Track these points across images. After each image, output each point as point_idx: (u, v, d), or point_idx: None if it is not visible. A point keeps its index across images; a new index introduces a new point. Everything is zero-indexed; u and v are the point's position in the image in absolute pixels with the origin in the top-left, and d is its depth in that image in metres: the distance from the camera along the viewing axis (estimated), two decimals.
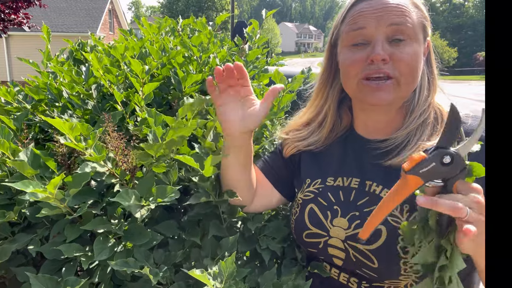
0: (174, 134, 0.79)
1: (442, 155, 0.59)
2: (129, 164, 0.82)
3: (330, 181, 0.93)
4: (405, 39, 0.80)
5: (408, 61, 0.80)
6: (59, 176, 0.69)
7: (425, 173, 0.60)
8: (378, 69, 0.80)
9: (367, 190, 0.86)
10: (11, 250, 0.81)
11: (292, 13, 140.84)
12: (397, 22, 0.80)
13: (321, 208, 0.90)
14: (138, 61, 1.01)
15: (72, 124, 0.71)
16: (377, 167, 0.87)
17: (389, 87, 0.81)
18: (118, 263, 0.73)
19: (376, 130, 0.92)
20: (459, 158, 0.59)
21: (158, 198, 0.75)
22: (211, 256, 0.88)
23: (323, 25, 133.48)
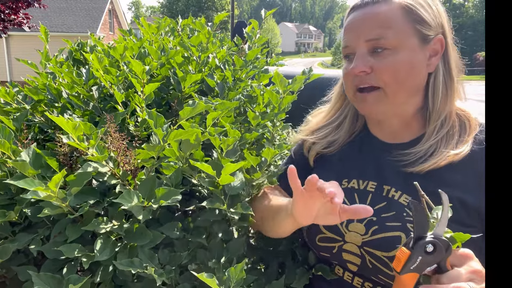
0: (176, 136, 0.79)
1: (424, 246, 0.60)
2: (130, 165, 0.82)
3: (345, 183, 0.91)
4: (388, 48, 0.79)
5: (391, 70, 0.79)
6: (60, 173, 0.69)
7: (416, 267, 0.61)
8: (362, 81, 0.83)
9: (384, 195, 0.84)
10: (11, 250, 0.81)
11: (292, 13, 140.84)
12: (373, 37, 0.80)
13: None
14: (138, 61, 1.00)
15: (75, 124, 0.72)
16: (396, 173, 0.85)
17: (374, 97, 0.82)
18: (123, 263, 0.73)
19: (392, 133, 0.90)
20: (440, 241, 0.60)
21: (161, 200, 0.75)
22: (217, 258, 0.87)
23: (323, 25, 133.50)
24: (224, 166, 0.81)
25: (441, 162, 0.79)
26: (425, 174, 0.81)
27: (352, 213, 0.70)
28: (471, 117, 0.85)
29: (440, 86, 0.84)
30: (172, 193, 0.77)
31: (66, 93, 1.17)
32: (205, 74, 1.23)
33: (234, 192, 0.88)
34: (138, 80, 1.02)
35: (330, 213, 0.73)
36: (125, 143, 0.83)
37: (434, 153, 0.81)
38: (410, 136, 0.88)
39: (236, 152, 0.91)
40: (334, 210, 0.72)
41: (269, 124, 1.20)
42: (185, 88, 1.15)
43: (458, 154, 0.79)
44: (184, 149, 0.86)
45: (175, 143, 0.85)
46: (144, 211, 0.76)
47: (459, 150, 0.79)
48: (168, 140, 0.79)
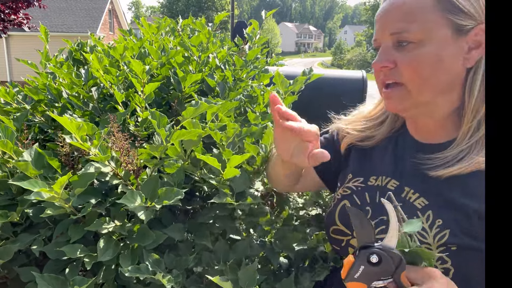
0: (179, 136, 0.79)
1: (367, 255, 0.57)
2: (133, 165, 0.82)
3: (372, 180, 0.88)
4: (413, 42, 0.74)
5: (414, 65, 0.74)
6: (66, 176, 0.69)
7: (361, 277, 0.57)
8: (387, 76, 0.78)
9: (403, 196, 0.81)
10: (13, 251, 0.81)
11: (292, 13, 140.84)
12: (396, 31, 0.75)
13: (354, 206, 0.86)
14: (138, 61, 1.01)
15: (79, 124, 0.72)
16: (419, 174, 0.81)
17: (396, 94, 0.77)
18: (131, 269, 0.73)
19: (427, 132, 0.85)
20: (388, 254, 0.57)
21: (164, 200, 0.75)
22: (223, 259, 0.87)
23: (323, 25, 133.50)
24: (229, 159, 0.81)
25: (467, 168, 0.73)
26: (447, 179, 0.75)
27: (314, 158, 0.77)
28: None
29: (478, 83, 0.75)
30: (175, 193, 0.77)
31: (66, 93, 1.17)
32: (206, 74, 1.23)
33: (240, 189, 0.87)
34: (138, 80, 1.02)
35: (302, 153, 0.78)
36: (127, 143, 0.83)
37: (464, 159, 0.74)
38: (445, 138, 0.81)
39: (235, 145, 0.92)
40: (305, 151, 0.77)
41: (270, 125, 1.20)
42: (185, 88, 1.15)
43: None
44: (186, 146, 0.86)
45: (177, 141, 0.85)
46: (147, 211, 0.76)
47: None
48: (171, 140, 0.80)
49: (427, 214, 0.75)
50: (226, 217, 0.92)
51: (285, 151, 0.79)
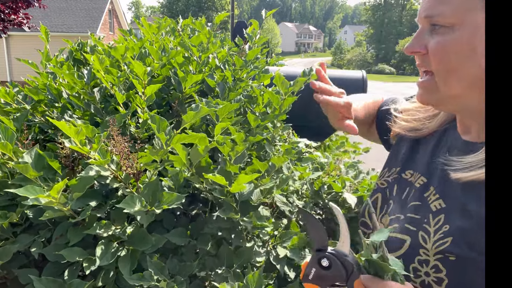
0: (179, 140, 0.79)
1: (319, 258, 0.57)
2: (133, 169, 0.81)
3: (408, 174, 0.84)
4: (445, 26, 0.67)
5: (441, 52, 0.67)
6: (62, 182, 0.68)
7: (314, 279, 0.57)
8: (420, 63, 0.72)
9: (425, 196, 0.76)
10: (12, 251, 0.81)
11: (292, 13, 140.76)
12: (428, 14, 0.68)
13: (383, 200, 0.84)
14: (139, 62, 1.00)
15: (77, 129, 0.71)
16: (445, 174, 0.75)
17: (425, 84, 0.71)
18: (134, 277, 0.73)
19: (467, 129, 0.77)
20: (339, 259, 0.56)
21: (164, 205, 0.75)
22: (226, 265, 0.86)
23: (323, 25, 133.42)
24: (238, 177, 0.81)
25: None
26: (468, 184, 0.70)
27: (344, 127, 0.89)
28: None
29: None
30: (176, 198, 0.76)
31: (66, 93, 1.16)
32: (206, 75, 1.23)
33: (244, 198, 0.87)
34: (139, 81, 1.02)
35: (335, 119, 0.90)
36: (127, 146, 0.83)
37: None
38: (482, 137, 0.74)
39: (244, 157, 0.91)
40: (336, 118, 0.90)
41: (269, 125, 1.20)
42: (185, 89, 1.15)
43: None
44: (193, 158, 0.85)
45: (183, 152, 0.84)
46: (146, 216, 0.75)
47: None
48: (171, 144, 0.79)
49: (438, 218, 0.71)
50: (231, 228, 0.92)
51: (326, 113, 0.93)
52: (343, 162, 1.95)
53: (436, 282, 0.67)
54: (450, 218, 0.70)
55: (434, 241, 0.69)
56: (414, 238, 0.71)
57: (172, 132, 0.81)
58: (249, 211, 0.87)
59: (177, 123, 1.13)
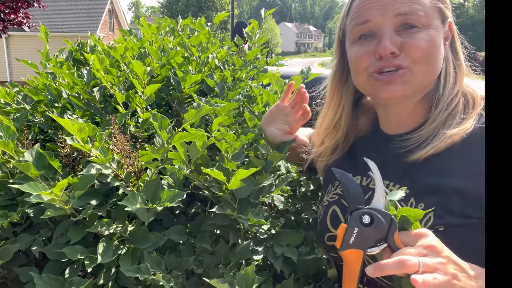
0: (181, 138, 0.79)
1: (359, 217, 0.57)
2: (134, 167, 0.82)
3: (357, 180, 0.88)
4: (417, 26, 0.74)
5: (422, 46, 0.73)
6: (66, 179, 0.69)
7: (356, 242, 0.57)
8: (389, 63, 0.75)
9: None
10: (13, 251, 0.81)
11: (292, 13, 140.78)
12: (404, 12, 0.73)
13: (342, 210, 0.87)
14: (139, 62, 1.01)
15: (80, 126, 0.71)
16: (398, 165, 0.81)
17: (401, 77, 0.75)
18: (130, 269, 0.73)
19: (399, 124, 0.85)
20: (377, 213, 0.57)
21: (165, 202, 0.75)
22: (223, 262, 0.87)
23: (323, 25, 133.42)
24: (235, 173, 0.81)
25: (441, 145, 0.74)
26: (425, 162, 0.76)
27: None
28: (476, 95, 0.79)
29: (451, 71, 0.80)
30: (176, 195, 0.77)
31: (66, 93, 1.17)
32: (205, 75, 1.23)
33: (242, 195, 0.87)
34: (139, 81, 1.02)
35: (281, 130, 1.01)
36: (129, 144, 0.83)
37: (436, 135, 0.76)
38: (414, 124, 0.83)
39: (241, 155, 0.91)
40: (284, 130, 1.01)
41: None
42: (185, 89, 1.15)
43: (458, 133, 0.73)
44: (191, 155, 0.86)
45: (182, 148, 0.84)
46: (148, 214, 0.76)
47: (458, 129, 0.74)
48: (172, 142, 0.79)
49: (410, 201, 0.75)
50: (228, 225, 0.92)
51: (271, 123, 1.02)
52: None
53: None
54: (421, 198, 0.74)
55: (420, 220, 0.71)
56: None
57: (173, 130, 0.81)
58: (246, 209, 0.87)
59: (176, 123, 1.13)
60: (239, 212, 0.86)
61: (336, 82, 0.92)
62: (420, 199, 0.74)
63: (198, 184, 0.91)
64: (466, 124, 0.74)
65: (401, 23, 0.74)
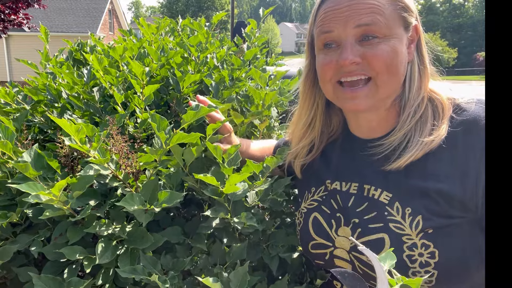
0: (179, 139, 0.79)
1: None
2: (132, 168, 0.81)
3: (328, 184, 0.89)
4: (378, 36, 0.74)
5: (384, 58, 0.74)
6: (64, 180, 0.69)
7: None
8: (351, 72, 0.76)
9: (366, 195, 0.81)
10: (12, 251, 0.81)
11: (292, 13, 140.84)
12: (365, 23, 0.74)
13: (324, 217, 0.86)
14: (138, 62, 1.00)
15: (78, 127, 0.71)
16: (375, 170, 0.82)
17: (365, 92, 0.77)
18: (126, 270, 0.73)
19: (370, 129, 0.85)
20: None
21: (163, 203, 0.75)
22: (219, 263, 0.87)
23: None
24: (230, 177, 0.81)
25: (418, 153, 0.75)
26: (404, 169, 0.77)
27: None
28: (444, 100, 0.79)
29: (416, 75, 0.80)
30: (174, 196, 0.77)
31: (66, 93, 1.17)
32: (204, 75, 1.23)
33: (237, 198, 0.87)
34: (138, 81, 1.02)
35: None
36: (127, 145, 0.83)
37: (409, 144, 0.76)
38: (385, 130, 0.83)
39: (237, 159, 0.91)
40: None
41: (256, 122, 1.20)
42: (183, 89, 1.15)
43: (434, 140, 0.74)
44: (186, 159, 0.86)
45: (178, 152, 0.84)
46: (146, 214, 0.76)
47: (433, 136, 0.74)
48: (170, 143, 0.79)
49: (395, 206, 0.76)
50: (223, 228, 0.92)
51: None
52: None
53: (430, 257, 0.71)
54: (406, 202, 0.75)
55: (409, 224, 0.74)
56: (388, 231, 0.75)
57: (172, 131, 0.81)
58: (241, 211, 0.87)
59: (175, 123, 1.13)
60: (233, 215, 0.86)
61: (308, 83, 0.92)
62: (405, 203, 0.75)
63: (193, 187, 0.91)
64: (441, 131, 0.75)
65: (362, 33, 0.75)
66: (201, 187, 0.88)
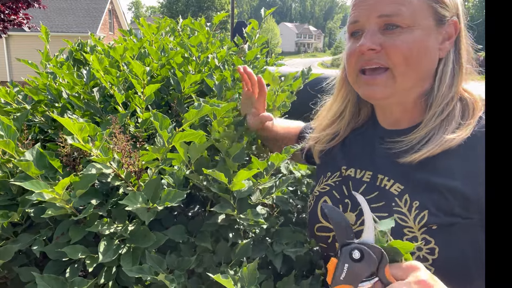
0: (181, 138, 0.79)
1: (349, 252, 0.56)
2: (135, 167, 0.82)
3: (343, 170, 0.89)
4: (401, 26, 0.73)
5: (403, 49, 0.73)
6: (68, 178, 0.69)
7: (347, 278, 0.56)
8: (370, 60, 0.76)
9: (378, 185, 0.81)
10: (14, 251, 0.81)
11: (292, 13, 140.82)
12: (387, 13, 0.74)
13: (334, 201, 0.87)
14: (139, 62, 1.01)
15: (81, 125, 0.71)
16: (391, 161, 0.81)
17: (382, 80, 0.76)
18: (133, 269, 0.73)
19: (395, 120, 0.85)
20: (369, 248, 0.56)
21: (165, 202, 0.75)
22: (224, 261, 0.87)
23: (323, 25, 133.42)
24: (237, 174, 0.81)
25: (436, 149, 0.74)
26: (420, 163, 0.76)
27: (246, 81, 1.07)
28: (476, 100, 0.78)
29: (448, 73, 0.78)
30: (177, 194, 0.77)
31: (66, 93, 1.17)
32: (205, 75, 1.23)
33: (242, 195, 0.88)
34: (138, 81, 1.02)
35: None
36: (129, 144, 0.83)
37: (430, 140, 0.75)
38: (408, 123, 0.83)
39: (243, 156, 0.91)
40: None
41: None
42: (184, 89, 1.15)
43: (455, 139, 0.73)
44: (192, 155, 0.86)
45: (182, 149, 0.84)
46: (148, 213, 0.76)
47: (455, 134, 0.73)
48: (173, 142, 0.79)
49: (404, 198, 0.76)
50: (228, 225, 0.92)
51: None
52: None
53: (429, 253, 0.71)
54: (415, 195, 0.75)
55: (414, 218, 0.73)
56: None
57: (174, 130, 0.81)
58: (246, 209, 0.87)
59: (176, 123, 1.14)
60: (238, 212, 0.86)
61: (344, 74, 0.92)
62: (415, 196, 0.75)
63: (198, 185, 0.91)
64: (465, 131, 0.74)
65: (385, 23, 0.75)
66: (207, 184, 0.89)
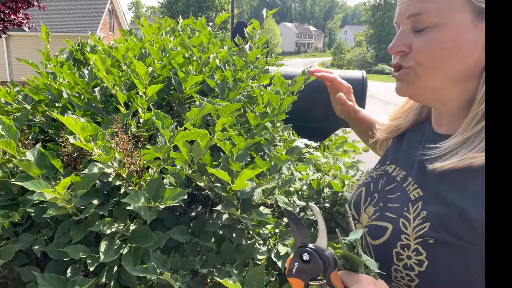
0: (183, 137, 0.79)
1: (301, 253, 0.63)
2: (136, 166, 0.82)
3: (387, 165, 0.90)
4: (428, 26, 0.71)
5: (426, 49, 0.71)
6: (69, 177, 0.69)
7: (297, 273, 0.63)
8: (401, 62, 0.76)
9: (404, 186, 0.80)
10: (14, 251, 0.81)
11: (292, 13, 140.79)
12: (415, 12, 0.71)
13: (367, 193, 0.88)
14: (141, 63, 1.01)
15: (83, 125, 0.72)
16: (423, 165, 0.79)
17: (404, 76, 0.76)
18: (137, 269, 0.74)
19: (444, 122, 0.81)
20: (317, 253, 0.63)
21: (167, 200, 0.75)
22: (228, 261, 0.87)
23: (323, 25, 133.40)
24: (240, 173, 0.81)
25: (459, 164, 0.70)
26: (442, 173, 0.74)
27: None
28: None
29: None
30: (179, 193, 0.77)
31: (66, 93, 1.17)
32: (206, 75, 1.23)
33: (246, 196, 0.88)
34: (141, 81, 1.02)
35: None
36: (131, 143, 0.83)
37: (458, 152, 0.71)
38: (450, 129, 0.78)
39: (246, 156, 0.91)
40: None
41: (268, 125, 1.20)
42: (186, 89, 1.15)
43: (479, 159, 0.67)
44: (195, 155, 0.86)
45: (185, 148, 0.84)
46: (150, 212, 0.76)
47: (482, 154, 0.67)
48: (174, 141, 0.79)
49: (416, 205, 0.75)
50: (231, 226, 0.92)
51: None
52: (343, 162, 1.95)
53: (417, 264, 0.71)
54: (427, 205, 0.74)
55: (414, 226, 0.73)
56: (395, 225, 0.75)
57: (175, 129, 0.81)
58: (249, 209, 0.87)
59: (177, 123, 1.13)
60: (242, 212, 0.87)
61: None
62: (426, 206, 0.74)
63: (201, 185, 0.91)
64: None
65: (415, 24, 0.73)
66: (209, 184, 0.89)
